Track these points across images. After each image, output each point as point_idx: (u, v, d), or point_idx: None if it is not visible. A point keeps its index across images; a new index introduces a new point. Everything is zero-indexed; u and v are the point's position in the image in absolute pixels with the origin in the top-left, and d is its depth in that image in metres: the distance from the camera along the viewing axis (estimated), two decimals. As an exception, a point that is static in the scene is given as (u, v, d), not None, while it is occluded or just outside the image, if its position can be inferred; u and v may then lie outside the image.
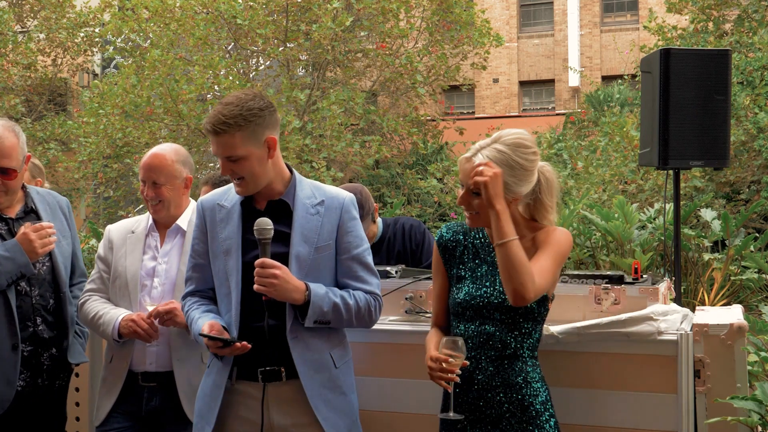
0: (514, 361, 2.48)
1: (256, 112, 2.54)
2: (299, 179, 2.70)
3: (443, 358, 2.37)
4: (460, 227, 2.64)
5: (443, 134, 15.56)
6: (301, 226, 2.60)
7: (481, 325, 2.50)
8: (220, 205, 2.68)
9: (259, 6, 12.78)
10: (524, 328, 2.49)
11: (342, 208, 2.65)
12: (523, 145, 2.45)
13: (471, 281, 2.53)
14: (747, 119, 9.69)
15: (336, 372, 2.63)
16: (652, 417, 2.68)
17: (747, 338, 2.75)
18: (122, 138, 12.70)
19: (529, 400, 2.47)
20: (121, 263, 3.11)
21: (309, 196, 2.65)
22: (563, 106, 20.78)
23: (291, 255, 2.57)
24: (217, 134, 2.52)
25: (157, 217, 3.13)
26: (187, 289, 2.77)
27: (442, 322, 2.66)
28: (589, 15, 21.53)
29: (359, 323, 2.65)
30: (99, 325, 3.03)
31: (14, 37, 15.72)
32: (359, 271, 2.65)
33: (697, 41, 11.63)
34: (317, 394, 2.56)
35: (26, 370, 3.11)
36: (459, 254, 2.60)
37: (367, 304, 2.63)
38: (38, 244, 3.03)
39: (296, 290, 2.50)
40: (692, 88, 4.40)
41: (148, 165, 3.09)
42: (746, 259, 6.27)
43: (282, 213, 2.62)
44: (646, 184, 9.50)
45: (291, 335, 2.55)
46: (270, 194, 2.65)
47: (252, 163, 2.55)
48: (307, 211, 2.62)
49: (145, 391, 3.01)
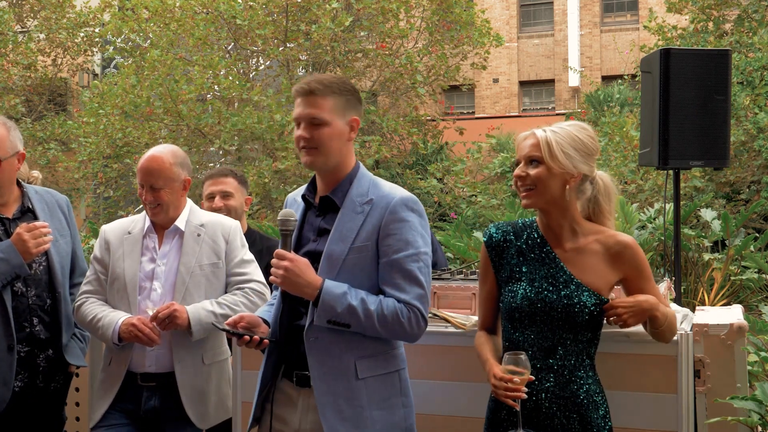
0: (575, 371, 2.40)
1: (350, 89, 2.52)
2: (360, 175, 2.56)
3: (508, 378, 2.26)
4: (510, 227, 2.53)
5: (443, 134, 15.55)
6: (341, 224, 2.48)
7: (540, 332, 2.40)
8: (294, 199, 2.66)
9: (258, 6, 12.77)
10: (586, 335, 2.41)
11: (388, 208, 2.46)
12: (584, 127, 2.47)
13: (528, 284, 2.42)
14: (747, 119, 9.69)
15: (358, 383, 2.45)
16: (652, 417, 2.67)
17: (747, 338, 2.75)
18: (122, 138, 12.69)
19: (590, 414, 2.39)
20: (119, 265, 3.08)
21: (361, 194, 2.51)
22: (563, 106, 20.78)
23: (324, 253, 2.47)
24: (309, 94, 2.46)
25: (156, 219, 3.12)
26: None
27: (490, 325, 2.59)
28: (589, 15, 21.53)
29: (389, 333, 2.43)
30: (98, 329, 3.01)
31: (14, 37, 15.71)
32: (397, 278, 2.43)
33: (697, 41, 11.62)
34: (329, 402, 2.42)
35: (24, 371, 3.10)
36: (510, 256, 2.49)
37: (395, 313, 2.40)
38: (32, 244, 3.02)
39: (309, 285, 2.39)
40: (692, 88, 4.40)
41: (146, 169, 3.05)
42: (746, 259, 6.26)
43: (331, 209, 2.54)
44: (646, 184, 9.50)
45: (309, 335, 2.45)
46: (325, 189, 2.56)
47: (332, 133, 2.46)
48: (353, 210, 2.49)
49: (144, 391, 3.00)
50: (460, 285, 3.04)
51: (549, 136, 2.39)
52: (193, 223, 3.15)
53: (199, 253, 3.10)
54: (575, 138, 2.41)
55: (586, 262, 2.43)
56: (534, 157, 2.40)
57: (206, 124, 12.11)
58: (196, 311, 2.99)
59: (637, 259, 2.43)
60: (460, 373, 2.79)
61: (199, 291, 3.07)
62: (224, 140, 11.97)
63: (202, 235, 3.13)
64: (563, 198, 2.41)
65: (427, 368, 2.90)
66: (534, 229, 2.51)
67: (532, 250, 2.48)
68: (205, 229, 3.15)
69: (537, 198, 2.42)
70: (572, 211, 2.45)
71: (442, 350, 2.89)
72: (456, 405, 2.84)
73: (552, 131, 2.41)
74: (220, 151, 12.96)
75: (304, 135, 2.47)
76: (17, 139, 3.16)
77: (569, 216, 2.45)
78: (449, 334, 2.89)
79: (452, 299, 3.05)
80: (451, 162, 13.26)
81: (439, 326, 2.94)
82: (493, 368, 2.37)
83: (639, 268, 2.43)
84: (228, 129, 11.81)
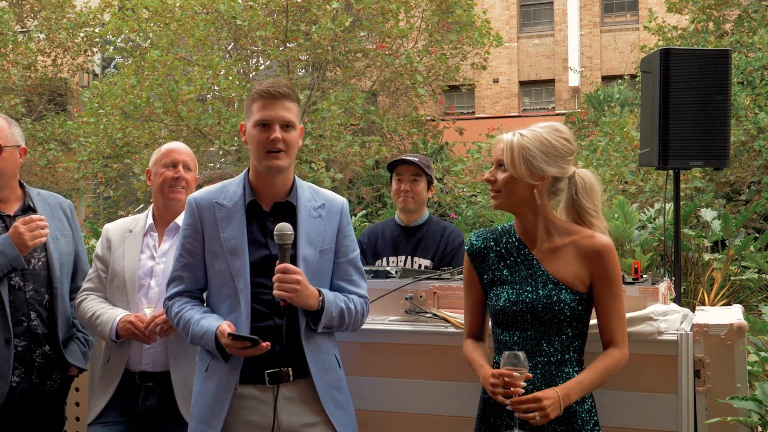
0: (561, 366, 2.42)
1: (299, 97, 2.66)
2: (299, 181, 2.71)
3: (507, 373, 2.29)
4: (490, 233, 2.59)
5: (443, 134, 15.55)
6: (305, 228, 2.61)
7: (525, 331, 2.44)
8: (219, 204, 2.63)
9: (258, 6, 12.78)
10: (569, 332, 2.44)
11: (341, 212, 2.71)
12: (557, 129, 2.47)
13: (510, 286, 2.48)
14: (747, 119, 9.69)
15: (340, 372, 2.68)
16: (652, 417, 2.68)
17: (747, 338, 2.75)
18: (122, 138, 12.70)
19: (575, 407, 2.41)
20: (119, 263, 3.10)
21: (309, 199, 2.67)
22: (563, 106, 20.78)
23: (299, 257, 2.57)
24: (278, 98, 2.56)
25: (174, 199, 3.14)
26: (174, 289, 2.67)
27: (477, 332, 2.62)
28: (589, 15, 21.53)
29: (353, 327, 2.71)
30: (96, 325, 3.03)
31: (14, 37, 15.71)
32: (353, 274, 2.71)
33: (697, 41, 11.63)
34: (327, 395, 2.59)
35: (21, 365, 3.10)
36: (491, 260, 2.54)
37: (362, 309, 2.70)
38: (28, 236, 3.02)
39: (313, 296, 2.52)
40: (692, 88, 4.39)
41: (177, 150, 3.18)
42: (746, 259, 6.26)
43: (287, 215, 2.60)
44: (646, 185, 9.50)
45: (305, 337, 2.57)
46: (276, 195, 2.64)
47: (297, 137, 2.63)
48: (310, 214, 2.63)
49: (141, 391, 3.01)
50: (460, 285, 3.04)
51: (514, 142, 2.42)
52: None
53: (199, 252, 3.10)
54: (543, 141, 2.42)
55: (562, 260, 2.46)
56: (501, 161, 2.45)
57: (206, 124, 12.11)
58: None
59: (605, 266, 2.43)
60: (461, 373, 2.79)
61: (198, 290, 3.07)
62: (224, 140, 11.98)
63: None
64: (533, 200, 2.45)
65: (427, 368, 2.90)
66: (512, 234, 2.55)
67: (510, 254, 2.52)
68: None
69: (503, 200, 2.48)
70: (545, 212, 2.48)
71: (443, 350, 2.89)
72: (456, 405, 2.84)
73: (521, 135, 2.44)
74: (219, 151, 12.97)
75: (278, 136, 2.56)
76: (18, 135, 3.20)
77: (542, 217, 2.48)
78: (449, 334, 2.89)
79: (452, 299, 3.06)
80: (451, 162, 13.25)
81: (439, 326, 2.94)
82: (484, 366, 2.44)
83: (604, 274, 2.44)
84: (228, 129, 11.82)
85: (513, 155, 2.41)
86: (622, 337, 2.45)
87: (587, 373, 2.41)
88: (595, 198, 2.52)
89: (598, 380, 2.40)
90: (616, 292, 2.45)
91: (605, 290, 2.44)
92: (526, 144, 2.41)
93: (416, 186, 3.95)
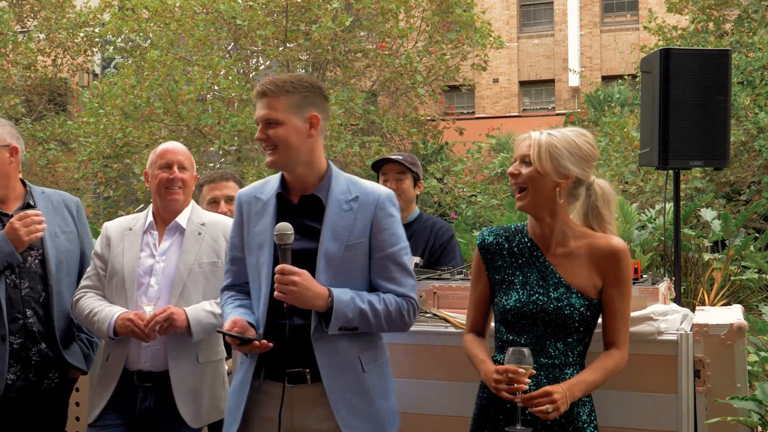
0: (565, 368, 2.42)
1: (306, 85, 2.53)
2: (336, 173, 2.60)
3: (512, 369, 2.28)
4: (503, 230, 2.57)
5: (443, 134, 15.55)
6: (332, 222, 2.51)
7: (531, 333, 2.43)
8: (256, 198, 2.61)
9: (258, 6, 12.78)
10: (576, 336, 2.44)
11: (377, 204, 2.53)
12: (583, 133, 2.50)
13: (520, 287, 2.47)
14: (747, 119, 9.69)
15: (364, 376, 2.52)
16: (652, 417, 2.67)
17: (747, 338, 2.75)
18: (122, 138, 12.70)
19: (576, 410, 2.42)
20: (118, 261, 3.09)
21: (344, 192, 2.55)
22: (563, 107, 20.78)
23: (320, 252, 2.48)
24: (263, 96, 2.51)
25: (172, 201, 3.13)
26: (225, 282, 2.70)
27: (479, 327, 2.60)
28: (589, 15, 21.53)
29: (391, 328, 2.54)
30: (93, 322, 3.02)
31: (14, 37, 15.71)
32: (393, 271, 2.53)
33: (697, 41, 11.62)
34: (340, 399, 2.47)
35: (17, 363, 3.10)
36: (503, 259, 2.52)
37: (398, 309, 2.51)
38: (23, 232, 3.02)
39: (318, 297, 2.41)
40: (692, 88, 4.39)
41: (172, 150, 3.15)
42: (746, 259, 6.26)
43: (314, 208, 2.55)
44: (646, 185, 9.49)
45: (315, 336, 2.47)
46: (303, 188, 2.57)
47: (288, 132, 2.49)
48: (340, 207, 2.52)
49: (140, 391, 3.00)
50: (460, 285, 3.04)
51: (542, 138, 2.44)
52: (194, 221, 3.17)
53: (199, 251, 3.10)
54: (570, 141, 2.45)
55: (575, 265, 2.46)
56: (526, 157, 2.45)
57: (206, 124, 12.12)
58: (196, 312, 2.98)
59: (619, 268, 2.44)
60: (461, 373, 2.79)
61: (197, 289, 3.07)
62: (224, 140, 11.98)
63: (203, 234, 3.14)
64: (554, 200, 2.45)
65: (427, 368, 2.90)
66: (524, 234, 2.54)
67: (522, 254, 2.51)
68: (207, 228, 3.16)
69: (529, 200, 2.46)
70: (563, 214, 2.48)
71: (443, 350, 2.89)
72: (456, 405, 2.84)
73: (549, 133, 2.46)
74: (219, 151, 12.97)
75: (260, 136, 2.52)
76: (8, 134, 3.17)
77: (560, 219, 2.48)
78: (449, 334, 2.89)
79: (452, 299, 3.05)
80: (451, 162, 13.26)
81: (439, 326, 2.94)
82: (486, 362, 2.44)
83: (617, 276, 2.44)
84: (228, 129, 11.82)
85: (540, 151, 2.41)
86: (624, 340, 2.46)
87: (589, 372, 2.41)
88: (612, 207, 2.54)
89: (600, 380, 2.40)
90: (625, 295, 2.46)
91: (615, 292, 2.45)
92: (553, 142, 2.43)
93: (401, 184, 3.94)
